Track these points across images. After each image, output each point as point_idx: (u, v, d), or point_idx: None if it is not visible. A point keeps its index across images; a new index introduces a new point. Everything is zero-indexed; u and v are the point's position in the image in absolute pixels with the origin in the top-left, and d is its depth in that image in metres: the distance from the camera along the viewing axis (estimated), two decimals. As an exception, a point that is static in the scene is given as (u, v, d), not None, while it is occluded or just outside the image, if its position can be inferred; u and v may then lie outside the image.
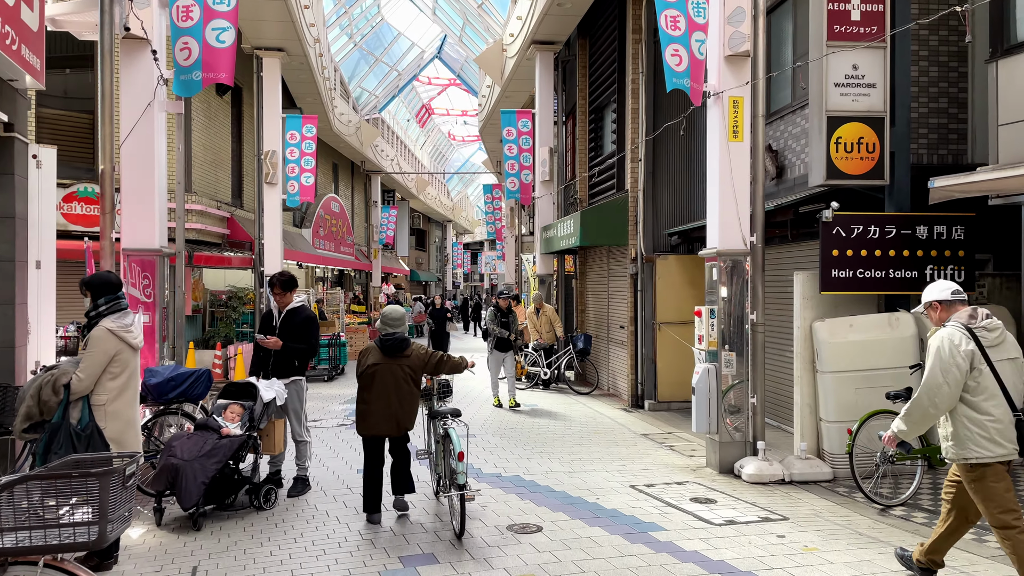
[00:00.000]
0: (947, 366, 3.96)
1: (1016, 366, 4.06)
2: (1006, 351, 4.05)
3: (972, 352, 3.96)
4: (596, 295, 13.91)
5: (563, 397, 12.33)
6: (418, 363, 5.63)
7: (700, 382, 7.23)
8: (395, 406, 5.49)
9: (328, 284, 26.37)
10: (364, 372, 5.59)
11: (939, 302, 4.22)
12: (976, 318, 4.06)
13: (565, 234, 12.50)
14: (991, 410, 3.95)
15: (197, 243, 14.22)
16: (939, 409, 4.02)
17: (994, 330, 4.03)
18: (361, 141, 26.04)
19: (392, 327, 5.63)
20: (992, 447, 3.93)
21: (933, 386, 3.99)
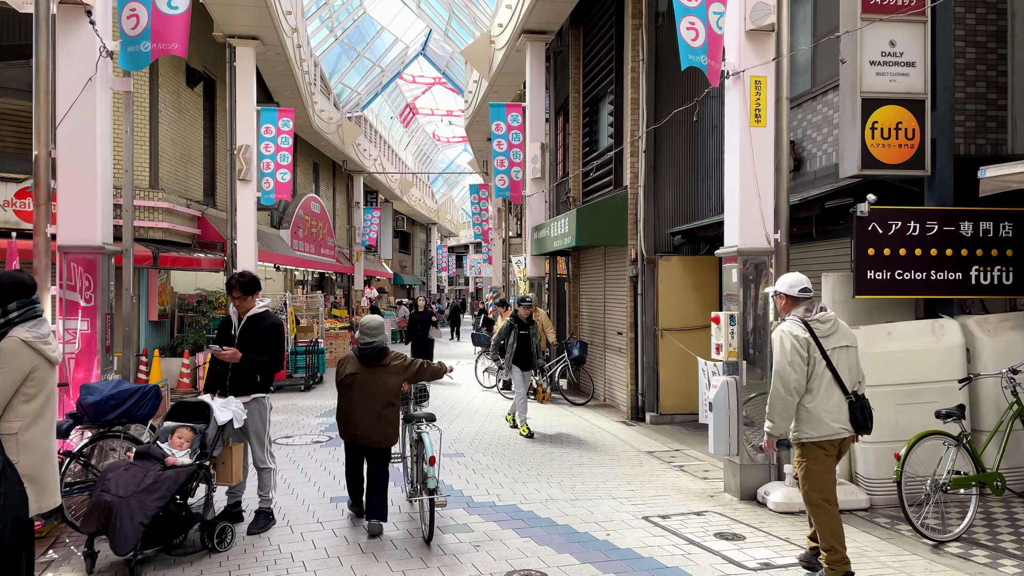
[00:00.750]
0: (791, 355, 4.40)
1: (849, 354, 4.51)
2: (839, 340, 4.50)
3: (808, 341, 4.42)
4: (591, 299, 13.11)
5: (558, 409, 11.50)
6: (397, 372, 5.57)
7: (718, 397, 6.42)
8: (374, 415, 5.41)
9: (308, 288, 25.39)
10: (343, 381, 5.54)
11: (786, 296, 4.65)
12: (812, 312, 4.53)
13: (559, 234, 11.68)
14: (820, 394, 4.40)
15: (164, 243, 13.27)
16: (793, 394, 4.39)
17: (826, 322, 4.51)
18: (343, 139, 25.13)
19: (371, 336, 5.56)
20: (819, 428, 4.39)
21: (783, 375, 4.41)
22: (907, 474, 5.40)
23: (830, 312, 4.57)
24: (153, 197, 12.87)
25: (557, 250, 12.65)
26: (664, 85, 10.53)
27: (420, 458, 5.36)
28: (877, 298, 6.37)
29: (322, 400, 12.37)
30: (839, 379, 4.43)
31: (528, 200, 13.95)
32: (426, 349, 15.09)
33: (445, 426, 9.89)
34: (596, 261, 12.69)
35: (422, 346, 15.08)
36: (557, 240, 11.77)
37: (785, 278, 4.74)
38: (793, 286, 4.64)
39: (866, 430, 4.50)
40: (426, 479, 5.11)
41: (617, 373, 11.51)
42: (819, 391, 4.40)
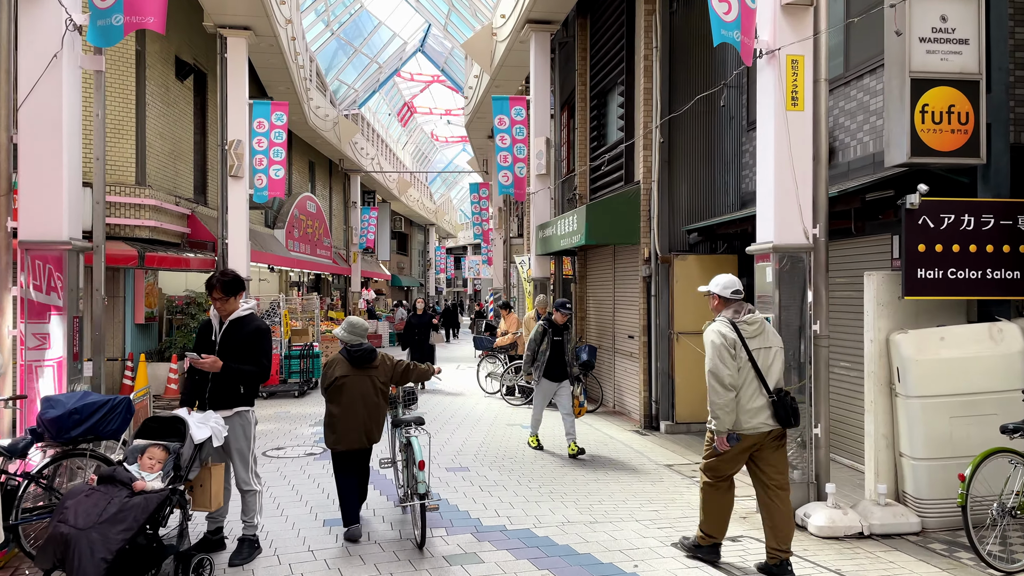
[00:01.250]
0: (721, 352, 4.60)
1: (773, 354, 4.73)
2: (764, 342, 4.72)
3: (735, 340, 4.63)
4: (599, 301, 12.51)
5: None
6: (386, 374, 5.53)
7: (752, 409, 5.82)
8: (363, 418, 5.36)
9: (304, 289, 24.77)
10: (332, 385, 5.41)
11: (719, 296, 4.91)
12: (740, 313, 4.76)
13: (566, 232, 11.09)
14: (744, 391, 4.60)
15: (151, 242, 12.65)
16: (730, 389, 4.57)
17: (753, 323, 4.74)
18: (339, 137, 24.54)
19: (358, 336, 5.51)
20: (743, 422, 4.60)
21: (716, 372, 4.61)
22: (972, 496, 4.81)
23: (757, 315, 4.82)
24: (140, 194, 12.26)
25: (563, 250, 12.06)
26: (679, 75, 9.95)
27: (410, 462, 5.33)
28: (924, 299, 5.78)
29: (317, 407, 11.75)
30: (762, 378, 4.65)
31: (532, 197, 13.35)
32: (425, 355, 14.08)
33: (447, 436, 9.28)
34: (605, 261, 12.10)
35: (421, 352, 13.99)
36: (564, 239, 11.17)
37: (719, 279, 4.95)
38: (726, 288, 4.90)
39: (790, 424, 4.66)
40: (416, 484, 5.05)
41: (628, 379, 10.91)
42: (743, 389, 4.63)
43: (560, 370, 8.38)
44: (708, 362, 4.65)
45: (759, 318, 4.79)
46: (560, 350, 8.41)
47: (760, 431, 4.62)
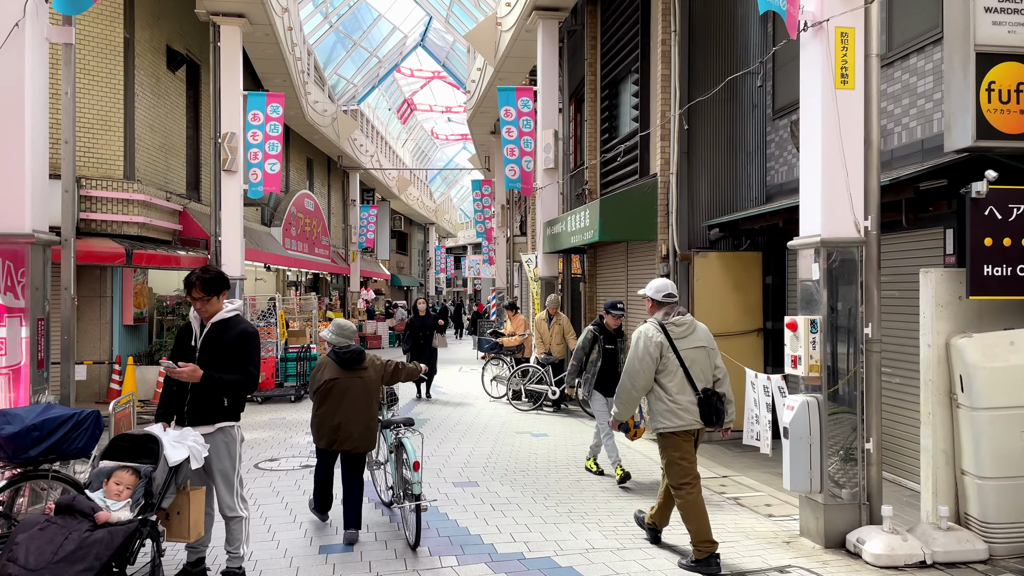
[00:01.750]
0: (642, 355, 4.79)
1: (703, 353, 4.87)
2: (694, 341, 4.88)
3: (661, 343, 4.79)
4: (610, 301, 11.91)
5: (577, 423, 10.30)
6: (376, 375, 5.47)
7: (797, 422, 5.23)
8: (356, 421, 5.28)
9: (302, 289, 24.17)
10: (321, 387, 5.35)
11: (652, 299, 5.03)
12: (670, 315, 4.92)
13: (577, 228, 10.49)
14: (673, 390, 4.77)
15: (140, 239, 12.05)
16: (639, 391, 4.86)
17: (681, 325, 4.89)
18: (338, 133, 23.94)
19: (346, 338, 5.46)
20: (674, 419, 4.76)
21: (632, 372, 4.84)
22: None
23: (687, 316, 4.97)
24: (128, 188, 11.66)
25: (572, 247, 11.47)
26: (698, 61, 9.36)
27: (402, 464, 5.26)
28: (990, 299, 5.19)
29: (314, 413, 11.14)
30: (690, 377, 4.82)
31: (540, 193, 12.76)
32: (430, 361, 12.79)
33: (452, 446, 8.69)
34: (617, 258, 11.51)
35: (425, 357, 12.60)
36: (575, 235, 10.57)
37: (653, 283, 5.11)
38: (659, 291, 5.03)
39: (713, 424, 4.82)
40: (409, 485, 4.99)
41: (643, 383, 10.30)
42: (673, 387, 4.78)
43: (614, 382, 6.36)
44: (628, 360, 4.93)
45: (688, 320, 4.97)
46: (613, 360, 7.17)
47: (692, 428, 4.81)
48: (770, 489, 6.69)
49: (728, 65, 9.26)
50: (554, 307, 11.37)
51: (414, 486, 4.94)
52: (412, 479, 4.97)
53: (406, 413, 11.07)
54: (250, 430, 9.89)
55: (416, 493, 4.93)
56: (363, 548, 5.13)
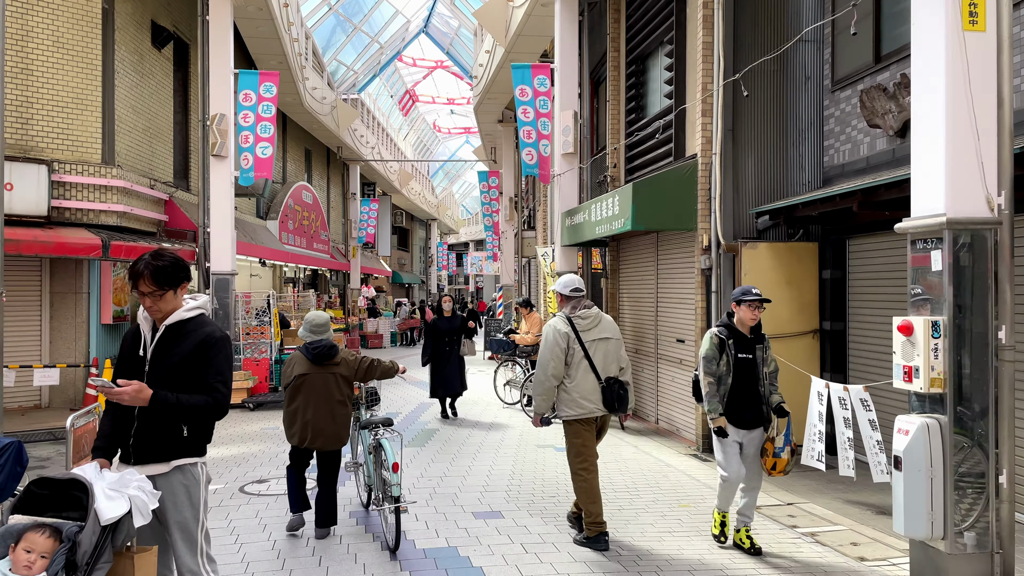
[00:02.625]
0: (551, 347, 5.06)
1: (608, 345, 5.14)
2: (599, 333, 5.14)
3: (568, 335, 5.06)
4: (635, 298, 10.84)
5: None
6: (348, 370, 5.35)
7: (913, 449, 4.16)
8: (327, 417, 5.20)
9: (300, 286, 23.09)
10: (291, 383, 5.27)
11: (561, 295, 5.31)
12: (577, 309, 5.20)
13: (604, 217, 9.41)
14: (578, 379, 5.04)
15: (120, 230, 10.98)
16: (552, 380, 5.07)
17: (587, 318, 5.16)
18: (337, 123, 22.86)
19: (318, 333, 5.33)
20: (576, 408, 5.05)
21: (544, 364, 5.11)
22: None
23: (592, 310, 5.18)
24: (105, 174, 10.58)
25: (597, 239, 10.40)
26: (743, 27, 8.28)
27: (380, 465, 5.18)
28: None
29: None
30: (594, 367, 5.01)
31: (558, 180, 11.68)
32: (458, 374, 10.35)
33: (468, 463, 7.62)
34: (644, 251, 10.43)
35: (451, 368, 10.27)
36: (602, 225, 9.49)
37: (562, 279, 5.33)
38: (566, 286, 5.26)
39: (615, 410, 5.07)
40: (388, 487, 4.91)
41: (678, 391, 9.24)
42: (577, 377, 5.00)
43: (752, 408, 4.96)
44: (540, 352, 5.17)
45: (593, 313, 5.19)
46: (751, 375, 4.96)
47: (594, 414, 5.06)
48: (850, 522, 5.63)
49: (778, 32, 8.19)
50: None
51: (393, 488, 4.83)
52: (391, 480, 4.86)
53: (428, 433, 10.04)
54: (238, 443, 8.82)
55: (395, 495, 4.83)
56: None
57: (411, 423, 10.11)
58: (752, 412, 4.97)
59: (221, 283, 12.12)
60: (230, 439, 9.10)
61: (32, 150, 10.34)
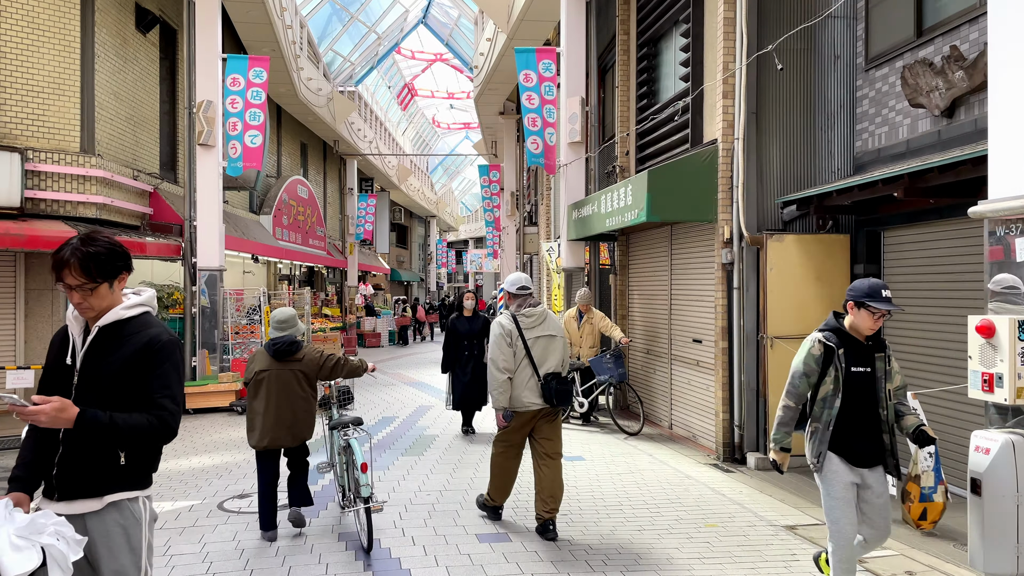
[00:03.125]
0: (499, 342, 5.23)
1: (551, 342, 5.33)
2: (542, 331, 5.33)
3: (512, 331, 5.25)
4: (647, 295, 10.22)
5: (613, 441, 8.62)
6: (311, 367, 5.21)
7: (997, 471, 3.55)
8: (287, 415, 5.12)
9: (296, 283, 22.47)
10: (251, 380, 5.18)
11: (508, 292, 5.52)
12: (522, 307, 5.39)
13: (615, 208, 8.79)
14: (518, 374, 5.21)
15: (100, 223, 10.35)
16: (503, 372, 5.18)
17: (531, 316, 5.34)
18: (334, 115, 22.23)
19: (281, 330, 5.19)
20: (515, 402, 5.21)
21: (494, 359, 5.23)
22: None
23: (537, 308, 5.40)
24: (85, 163, 9.96)
25: (606, 232, 9.79)
26: (767, 4, 7.65)
27: (351, 465, 5.09)
28: None
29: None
30: (534, 363, 5.22)
31: (564, 171, 11.06)
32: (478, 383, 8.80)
33: (470, 476, 7.02)
34: (657, 245, 9.81)
35: (471, 376, 8.83)
36: (613, 216, 8.87)
37: (510, 277, 5.55)
38: (514, 284, 5.51)
39: (554, 404, 5.23)
40: (359, 487, 4.86)
41: (695, 395, 8.62)
42: (519, 372, 5.22)
43: (870, 439, 3.73)
44: (490, 351, 5.31)
45: (538, 311, 5.36)
46: (869, 394, 3.73)
47: (531, 408, 5.20)
48: (900, 545, 5.00)
49: (804, 7, 7.56)
50: (586, 303, 9.69)
51: (363, 488, 4.84)
52: (361, 480, 4.85)
53: (427, 440, 9.44)
54: (221, 451, 8.21)
55: (366, 495, 4.83)
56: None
57: (408, 428, 9.50)
58: (871, 444, 3.71)
59: (209, 280, 11.50)
60: (213, 446, 8.48)
61: (4, 137, 9.71)
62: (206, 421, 10.18)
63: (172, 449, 8.29)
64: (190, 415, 10.66)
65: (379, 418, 10.30)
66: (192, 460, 7.75)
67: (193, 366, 11.35)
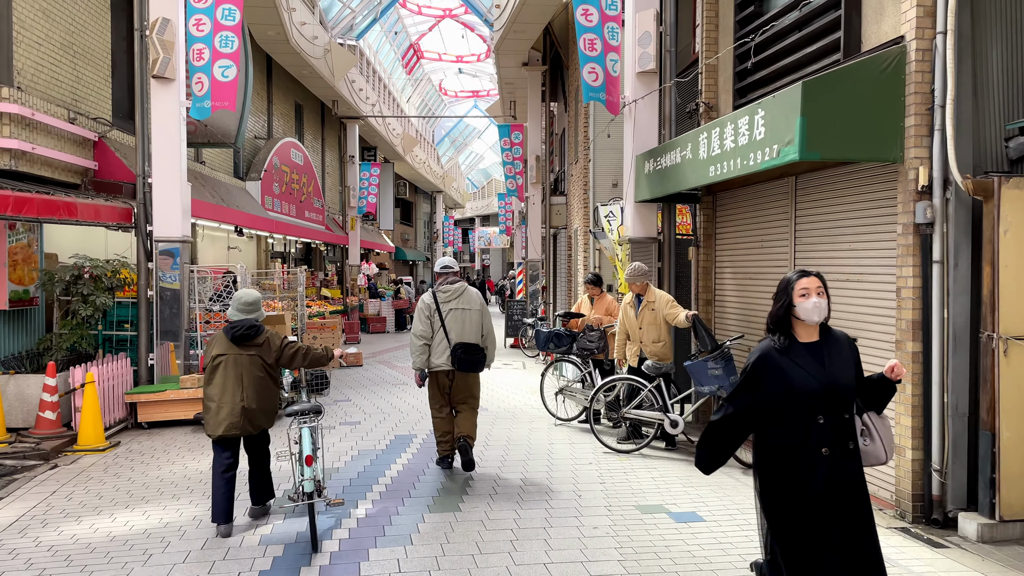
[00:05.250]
0: (420, 315, 6.32)
1: (466, 315, 6.29)
2: (458, 304, 6.30)
3: (430, 306, 6.30)
4: (749, 274, 7.61)
5: (730, 481, 6.05)
6: (271, 352, 5.04)
7: None
8: (245, 401, 4.91)
9: (291, 261, 19.87)
10: (209, 364, 5.00)
11: (436, 273, 6.57)
12: (442, 284, 6.40)
13: (730, 149, 6.14)
14: (435, 341, 6.25)
15: (15, 176, 7.78)
16: (419, 339, 6.27)
17: (447, 292, 6.33)
18: (332, 69, 19.52)
19: (244, 313, 5.02)
20: (432, 361, 6.25)
21: (415, 329, 6.35)
22: None
23: (455, 285, 6.38)
24: (-7, 96, 7.36)
25: (684, 192, 7.18)
26: None
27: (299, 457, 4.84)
28: None
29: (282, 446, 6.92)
30: (447, 332, 6.21)
31: (631, 110, 8.42)
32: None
33: (539, 551, 4.44)
34: (768, 204, 7.18)
35: None
36: (725, 161, 6.22)
37: (439, 260, 6.63)
38: (439, 265, 6.59)
39: (460, 369, 6.20)
40: (303, 482, 4.62)
41: (845, 415, 6.01)
42: (434, 339, 6.23)
43: None
44: (413, 323, 6.53)
45: (454, 288, 6.35)
46: None
47: (443, 369, 6.22)
48: None
49: None
50: (641, 281, 7.15)
51: (305, 483, 4.58)
52: (304, 474, 4.60)
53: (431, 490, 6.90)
54: (170, 499, 5.65)
55: (308, 491, 4.57)
56: None
57: (430, 457, 6.94)
58: None
59: (171, 255, 8.91)
60: (160, 489, 5.93)
61: None
62: (160, 441, 7.64)
63: (95, 493, 5.74)
64: (143, 430, 8.14)
65: (392, 438, 7.76)
66: (119, 519, 5.22)
67: (150, 365, 8.79)
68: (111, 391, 7.96)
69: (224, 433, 4.85)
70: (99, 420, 7.32)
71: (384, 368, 13.70)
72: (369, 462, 6.74)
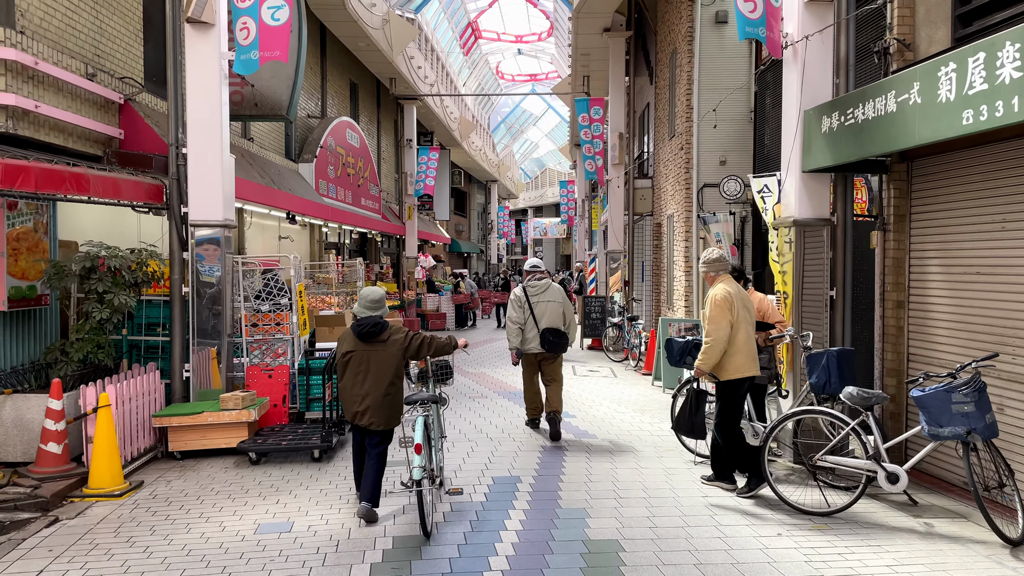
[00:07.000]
0: (514, 305, 7.42)
1: (551, 306, 7.36)
2: (545, 297, 7.40)
3: (520, 297, 7.42)
4: (975, 270, 5.54)
5: (978, 564, 4.06)
6: (397, 348, 5.08)
7: None
8: (372, 396, 4.99)
9: (346, 253, 18.26)
10: (339, 361, 5.11)
11: (525, 271, 7.72)
12: (530, 280, 7.53)
13: (1003, 84, 4.12)
14: (527, 328, 7.35)
15: (14, 142, 6.16)
16: (515, 324, 7.37)
17: (535, 287, 7.45)
18: (390, 42, 17.82)
19: (370, 310, 5.11)
20: (526, 345, 7.37)
21: (510, 316, 7.45)
22: None
23: (542, 281, 7.51)
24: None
25: (857, 161, 5.13)
26: None
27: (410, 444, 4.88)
28: None
29: (346, 480, 5.17)
30: (536, 320, 7.29)
31: (796, 52, 6.40)
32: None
33: None
34: (997, 172, 5.10)
35: None
36: (990, 101, 4.19)
37: (528, 261, 7.78)
38: (528, 265, 7.73)
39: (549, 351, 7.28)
40: (412, 469, 4.68)
41: None
42: (527, 327, 7.32)
43: None
44: (507, 312, 7.59)
45: (542, 284, 7.46)
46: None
47: (534, 351, 7.33)
48: None
49: None
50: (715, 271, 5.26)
51: (414, 470, 4.64)
52: (413, 463, 4.67)
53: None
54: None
55: (417, 478, 4.64)
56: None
57: (548, 506, 5.10)
58: None
59: (212, 242, 7.22)
60: (172, 571, 4.19)
61: None
62: (194, 480, 5.95)
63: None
64: (175, 461, 6.47)
65: (488, 482, 5.93)
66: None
67: (185, 378, 7.12)
68: (135, 413, 6.30)
69: (359, 422, 5.00)
70: (116, 455, 5.65)
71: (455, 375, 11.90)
72: (470, 527, 4.90)
